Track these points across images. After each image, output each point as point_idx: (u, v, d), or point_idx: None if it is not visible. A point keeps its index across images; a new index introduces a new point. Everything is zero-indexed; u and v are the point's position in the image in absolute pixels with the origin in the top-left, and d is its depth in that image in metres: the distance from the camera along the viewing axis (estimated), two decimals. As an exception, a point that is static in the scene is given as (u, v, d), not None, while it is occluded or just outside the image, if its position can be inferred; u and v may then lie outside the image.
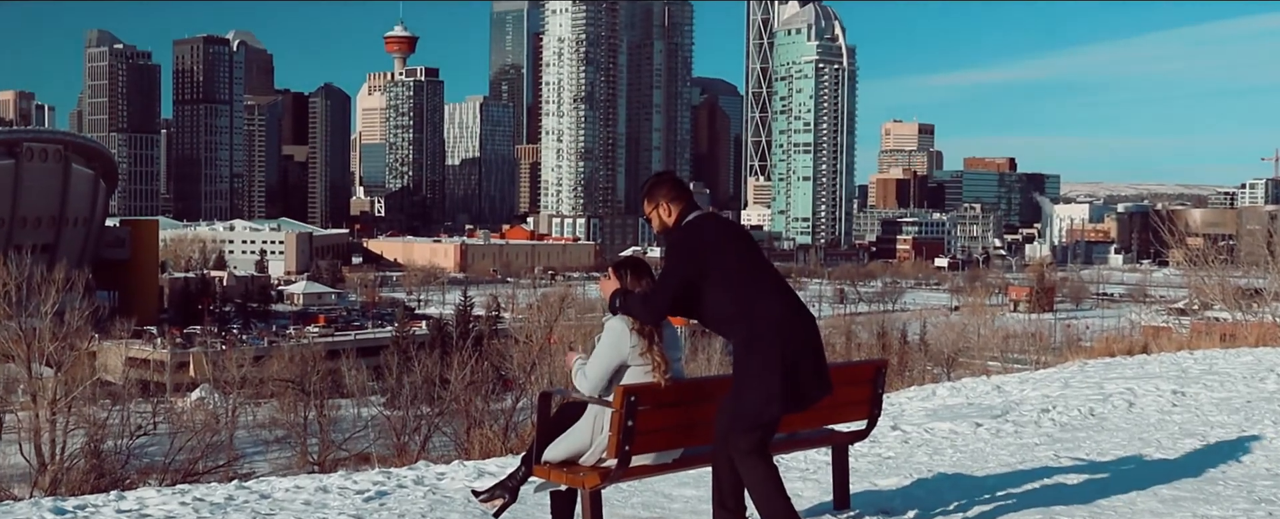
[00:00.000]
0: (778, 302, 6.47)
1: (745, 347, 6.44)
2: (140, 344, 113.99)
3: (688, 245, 6.48)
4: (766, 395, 6.39)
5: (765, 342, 6.39)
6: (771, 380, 6.38)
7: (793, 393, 6.45)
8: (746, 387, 6.43)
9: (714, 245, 6.47)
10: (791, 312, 6.51)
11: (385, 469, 10.31)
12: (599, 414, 6.61)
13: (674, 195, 6.73)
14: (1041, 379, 16.78)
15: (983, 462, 10.31)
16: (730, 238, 6.55)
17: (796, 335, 6.47)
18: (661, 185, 6.76)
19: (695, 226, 6.57)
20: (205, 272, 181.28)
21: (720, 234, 6.53)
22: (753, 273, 6.49)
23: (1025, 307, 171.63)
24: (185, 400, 72.83)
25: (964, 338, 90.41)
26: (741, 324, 6.44)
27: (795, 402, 6.50)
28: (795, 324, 6.48)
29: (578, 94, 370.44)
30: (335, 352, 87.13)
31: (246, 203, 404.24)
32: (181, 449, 41.77)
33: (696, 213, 6.69)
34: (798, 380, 6.45)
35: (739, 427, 6.46)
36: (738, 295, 6.44)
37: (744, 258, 6.51)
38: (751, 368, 6.42)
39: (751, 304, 6.43)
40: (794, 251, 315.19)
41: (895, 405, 14.45)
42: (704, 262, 6.44)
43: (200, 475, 38.83)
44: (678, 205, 6.71)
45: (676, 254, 6.51)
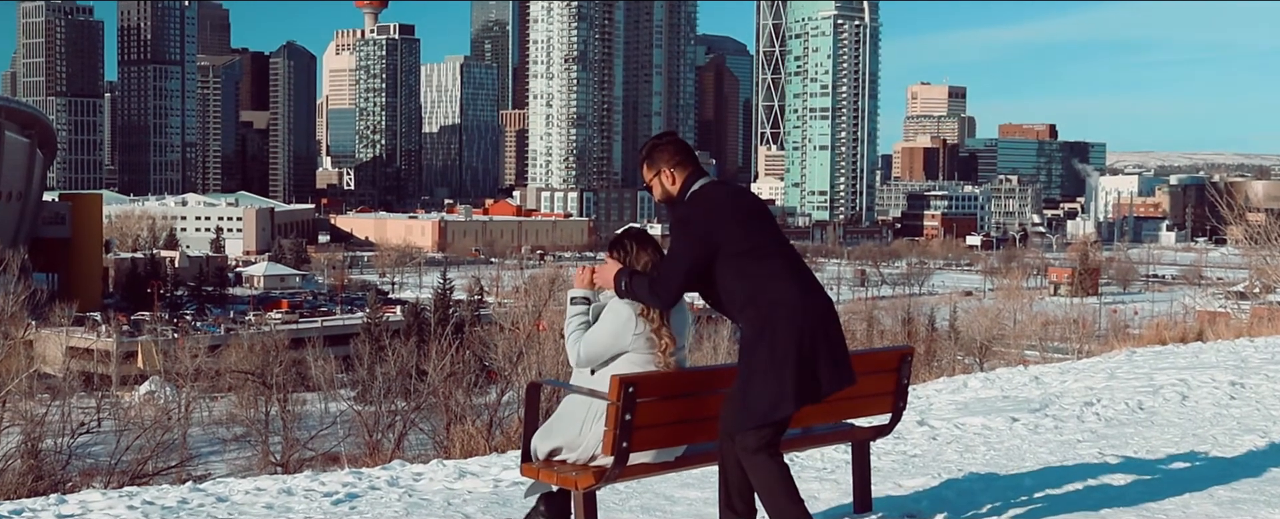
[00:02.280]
0: (792, 284, 6.44)
1: (756, 334, 6.42)
2: (82, 332, 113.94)
3: (696, 220, 6.43)
4: (778, 392, 6.39)
5: (778, 330, 6.38)
6: (784, 375, 6.37)
7: (808, 387, 6.45)
8: (756, 380, 6.42)
9: (725, 220, 6.42)
10: (808, 295, 6.48)
11: (356, 470, 10.33)
12: (592, 403, 6.60)
13: (677, 160, 6.65)
14: (1084, 369, 16.80)
15: (1019, 460, 10.33)
16: (743, 211, 6.50)
17: (812, 322, 6.44)
18: (662, 148, 6.68)
19: (703, 198, 6.51)
20: (155, 251, 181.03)
21: (732, 206, 6.47)
22: (766, 251, 6.45)
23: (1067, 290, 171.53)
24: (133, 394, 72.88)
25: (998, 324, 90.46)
26: (751, 310, 6.42)
27: (811, 396, 6.49)
28: (812, 310, 6.46)
29: (569, 53, 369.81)
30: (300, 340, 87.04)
31: (200, 175, 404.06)
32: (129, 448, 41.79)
33: (703, 180, 6.62)
34: (815, 372, 6.45)
35: (746, 423, 6.45)
36: (748, 277, 6.41)
37: (757, 234, 6.46)
38: (761, 359, 6.40)
39: (763, 287, 6.40)
40: (810, 229, 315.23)
41: (922, 398, 14.47)
42: (714, 239, 6.40)
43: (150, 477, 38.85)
44: (682, 172, 6.64)
45: (684, 231, 6.45)
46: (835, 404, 7.60)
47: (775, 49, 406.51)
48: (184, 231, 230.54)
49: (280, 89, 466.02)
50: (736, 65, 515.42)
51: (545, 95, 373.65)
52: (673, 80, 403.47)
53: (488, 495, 9.14)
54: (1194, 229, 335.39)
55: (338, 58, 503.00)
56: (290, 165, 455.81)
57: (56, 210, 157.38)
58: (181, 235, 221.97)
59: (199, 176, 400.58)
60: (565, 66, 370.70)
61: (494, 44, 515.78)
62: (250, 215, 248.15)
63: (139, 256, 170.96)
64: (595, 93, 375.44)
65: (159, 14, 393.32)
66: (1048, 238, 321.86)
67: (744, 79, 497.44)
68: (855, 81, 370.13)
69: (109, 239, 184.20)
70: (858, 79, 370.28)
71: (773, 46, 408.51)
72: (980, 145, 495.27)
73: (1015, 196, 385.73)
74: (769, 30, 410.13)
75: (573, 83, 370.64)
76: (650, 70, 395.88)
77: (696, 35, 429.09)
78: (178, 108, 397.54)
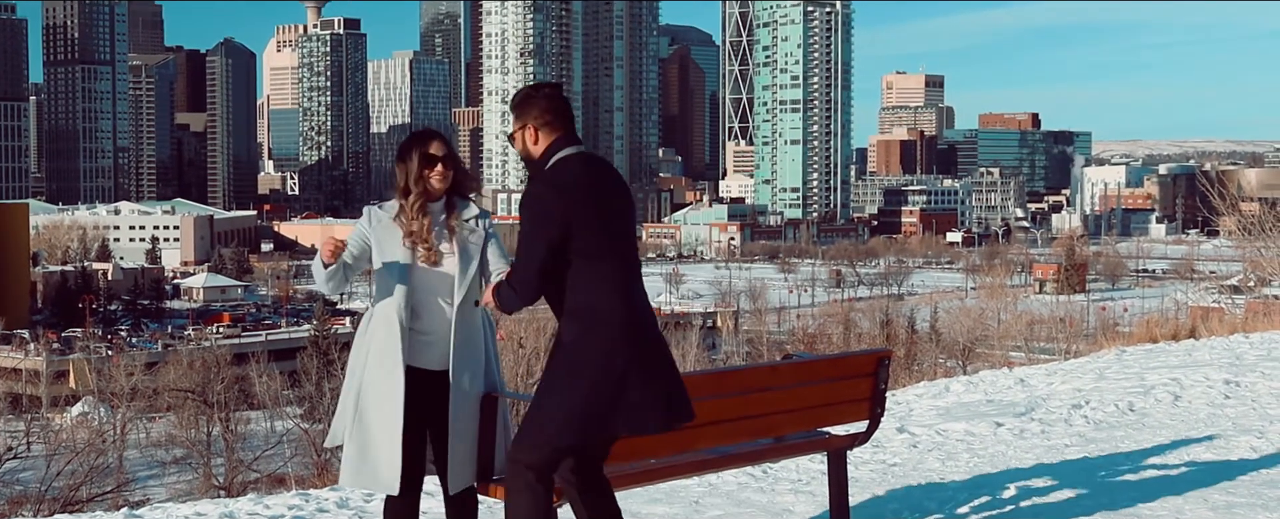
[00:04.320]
0: (617, 297, 5.97)
1: (563, 346, 6.01)
2: (9, 351, 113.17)
3: (548, 201, 5.93)
4: (566, 416, 5.95)
5: (588, 347, 5.94)
6: (579, 398, 5.93)
7: (606, 419, 5.98)
8: (551, 398, 6.00)
9: (578, 206, 5.92)
10: (633, 312, 6.02)
11: (303, 491, 10.29)
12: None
13: (547, 119, 6.14)
14: (1072, 370, 16.89)
15: (1004, 467, 10.37)
16: (603, 195, 6.00)
17: (629, 343, 5.97)
18: (535, 101, 6.18)
19: (560, 175, 6.00)
20: (86, 264, 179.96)
21: (589, 192, 5.97)
22: (599, 254, 5.96)
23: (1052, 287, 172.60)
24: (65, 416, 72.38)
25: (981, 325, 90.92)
26: (564, 315, 6.01)
27: (606, 428, 6.02)
28: (632, 327, 6.00)
29: (524, 47, 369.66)
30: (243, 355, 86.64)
31: (134, 182, 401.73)
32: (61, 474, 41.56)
33: (569, 150, 6.10)
34: (619, 402, 5.95)
35: (526, 438, 6.04)
36: (572, 280, 5.95)
37: (600, 231, 5.96)
38: (560, 376, 5.98)
39: (584, 294, 5.95)
40: (782, 227, 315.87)
41: (902, 404, 14.51)
42: (567, 223, 5.91)
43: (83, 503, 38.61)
44: (550, 134, 6.13)
45: (535, 212, 5.93)
46: (809, 412, 7.62)
47: (743, 39, 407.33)
48: (117, 242, 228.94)
49: (218, 89, 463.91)
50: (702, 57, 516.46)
51: (500, 91, 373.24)
52: (635, 74, 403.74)
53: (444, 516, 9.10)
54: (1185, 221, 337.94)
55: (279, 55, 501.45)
56: (230, 170, 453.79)
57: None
58: (114, 246, 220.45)
59: (132, 183, 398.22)
60: (521, 61, 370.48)
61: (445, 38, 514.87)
62: (188, 224, 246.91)
63: (69, 269, 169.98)
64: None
65: (87, 11, 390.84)
66: (1032, 233, 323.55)
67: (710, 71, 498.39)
68: (827, 72, 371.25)
69: (37, 251, 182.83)
70: (830, 69, 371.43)
71: (740, 36, 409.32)
72: (959, 137, 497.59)
73: (997, 190, 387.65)
74: (736, 19, 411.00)
75: (529, 77, 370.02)
76: (611, 63, 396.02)
77: (659, 26, 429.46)
78: (108, 110, 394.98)
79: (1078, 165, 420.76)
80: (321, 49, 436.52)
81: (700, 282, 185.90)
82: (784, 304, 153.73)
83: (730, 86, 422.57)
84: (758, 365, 8.02)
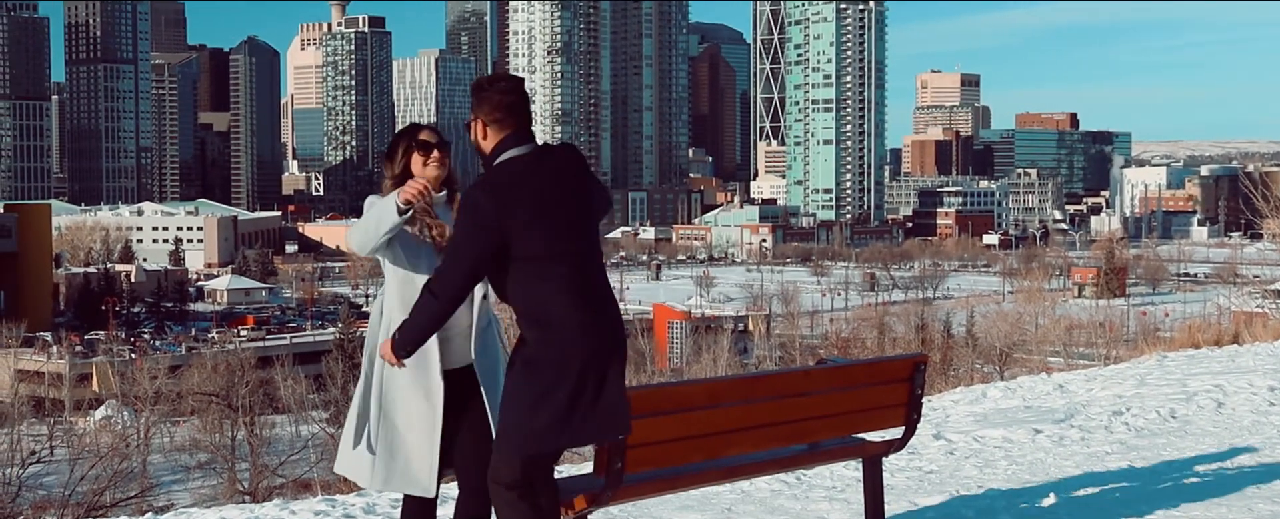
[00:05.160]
0: (578, 306, 5.92)
1: (528, 353, 5.97)
2: (32, 354, 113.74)
3: (482, 208, 5.86)
4: (530, 428, 5.95)
5: (556, 354, 5.91)
6: (554, 404, 5.92)
7: (577, 425, 6.00)
8: (524, 406, 5.98)
9: (517, 212, 5.84)
10: (597, 320, 5.98)
11: (329, 497, 10.32)
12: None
13: (499, 115, 6.04)
14: (1112, 376, 16.83)
15: (1043, 475, 10.34)
16: (551, 194, 5.91)
17: (594, 351, 5.95)
18: (488, 96, 6.08)
19: (501, 174, 5.93)
20: (109, 265, 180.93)
21: (537, 189, 5.89)
22: (556, 262, 5.90)
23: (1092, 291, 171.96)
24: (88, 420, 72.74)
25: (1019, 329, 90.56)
26: (525, 323, 5.98)
27: (577, 436, 6.04)
28: (597, 336, 5.97)
29: (552, 45, 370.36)
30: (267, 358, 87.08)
31: (156, 182, 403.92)
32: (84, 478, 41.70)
33: (517, 151, 6.01)
34: (585, 409, 5.98)
35: (498, 457, 6.06)
36: (530, 288, 5.91)
37: (553, 236, 5.89)
38: (533, 383, 5.95)
39: (545, 303, 5.91)
40: (814, 229, 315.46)
41: (938, 409, 14.48)
42: (502, 232, 5.86)
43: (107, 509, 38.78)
44: (499, 131, 6.04)
45: (469, 217, 5.87)
46: (844, 418, 7.61)
47: (774, 37, 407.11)
48: (140, 243, 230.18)
49: (241, 88, 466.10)
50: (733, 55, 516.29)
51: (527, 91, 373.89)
52: (664, 72, 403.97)
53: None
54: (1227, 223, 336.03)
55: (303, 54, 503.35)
56: (254, 170, 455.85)
57: (1, 223, 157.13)
58: (137, 247, 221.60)
59: (155, 184, 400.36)
60: (548, 59, 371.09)
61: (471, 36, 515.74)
62: (211, 225, 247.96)
63: (92, 271, 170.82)
64: (581, 87, 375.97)
65: (109, 10, 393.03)
66: (1070, 235, 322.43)
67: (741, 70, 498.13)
68: (860, 71, 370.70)
69: (59, 252, 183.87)
70: (863, 68, 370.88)
71: (771, 34, 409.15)
72: (996, 137, 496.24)
73: (1035, 191, 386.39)
74: (767, 17, 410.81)
75: (556, 77, 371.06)
76: (640, 62, 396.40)
77: (689, 24, 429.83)
78: (131, 110, 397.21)
79: (1117, 166, 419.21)
80: (346, 47, 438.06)
81: (731, 284, 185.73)
82: (817, 307, 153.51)
83: (761, 85, 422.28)
84: (791, 370, 8.01)
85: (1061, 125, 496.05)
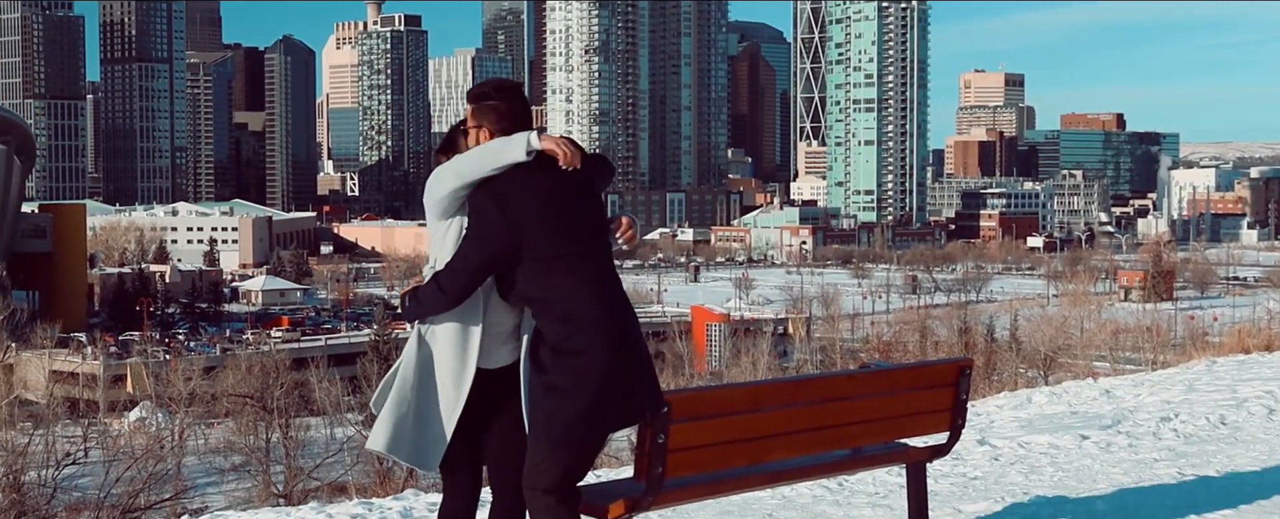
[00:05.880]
0: (596, 300, 6.10)
1: (548, 356, 6.11)
2: (66, 354, 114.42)
3: (492, 213, 6.06)
4: (562, 429, 6.05)
5: (571, 356, 6.05)
6: (589, 398, 6.05)
7: (619, 412, 6.17)
8: (544, 409, 6.10)
9: (530, 217, 6.05)
10: (615, 311, 6.17)
11: (365, 500, 10.36)
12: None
13: (504, 124, 6.24)
14: (1160, 382, 16.74)
15: (1090, 482, 10.30)
16: (558, 196, 6.12)
17: (618, 341, 6.12)
18: (494, 106, 6.28)
19: (508, 181, 6.11)
20: (143, 266, 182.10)
21: (543, 192, 6.08)
22: (570, 261, 6.09)
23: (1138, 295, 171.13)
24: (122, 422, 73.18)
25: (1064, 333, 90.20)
26: (546, 321, 6.11)
27: (622, 421, 6.21)
28: (617, 326, 6.14)
29: (590, 44, 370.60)
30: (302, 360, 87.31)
31: (191, 182, 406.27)
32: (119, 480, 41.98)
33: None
34: (627, 396, 6.16)
35: (533, 462, 6.15)
36: (548, 288, 6.08)
37: (565, 237, 6.09)
38: (550, 387, 6.08)
39: (563, 300, 6.07)
40: (855, 231, 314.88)
41: (982, 415, 14.44)
42: (513, 239, 6.05)
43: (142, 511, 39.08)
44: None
45: (480, 222, 6.08)
46: (887, 422, 7.60)
47: (815, 35, 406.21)
48: (175, 244, 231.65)
49: (277, 87, 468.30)
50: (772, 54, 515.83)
51: (564, 90, 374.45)
52: (703, 71, 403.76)
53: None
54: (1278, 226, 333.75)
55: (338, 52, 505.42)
56: (289, 170, 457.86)
57: (36, 223, 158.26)
58: (172, 248, 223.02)
59: (190, 184, 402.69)
60: (586, 58, 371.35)
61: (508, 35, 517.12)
62: (246, 225, 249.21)
63: (126, 271, 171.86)
64: (619, 87, 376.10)
65: (144, 9, 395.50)
66: (1116, 238, 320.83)
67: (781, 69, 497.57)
68: (903, 70, 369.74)
69: (94, 253, 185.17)
70: (905, 67, 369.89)
71: (812, 33, 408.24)
72: (1041, 137, 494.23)
73: (1080, 193, 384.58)
74: (807, 15, 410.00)
75: (594, 76, 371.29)
76: (678, 61, 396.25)
77: (728, 22, 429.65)
78: (166, 109, 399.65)
79: (1164, 168, 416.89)
80: (382, 46, 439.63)
81: (770, 287, 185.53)
82: (857, 310, 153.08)
83: (802, 85, 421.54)
84: (834, 374, 8.02)
85: (1107, 126, 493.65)
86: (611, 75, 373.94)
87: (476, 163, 6.14)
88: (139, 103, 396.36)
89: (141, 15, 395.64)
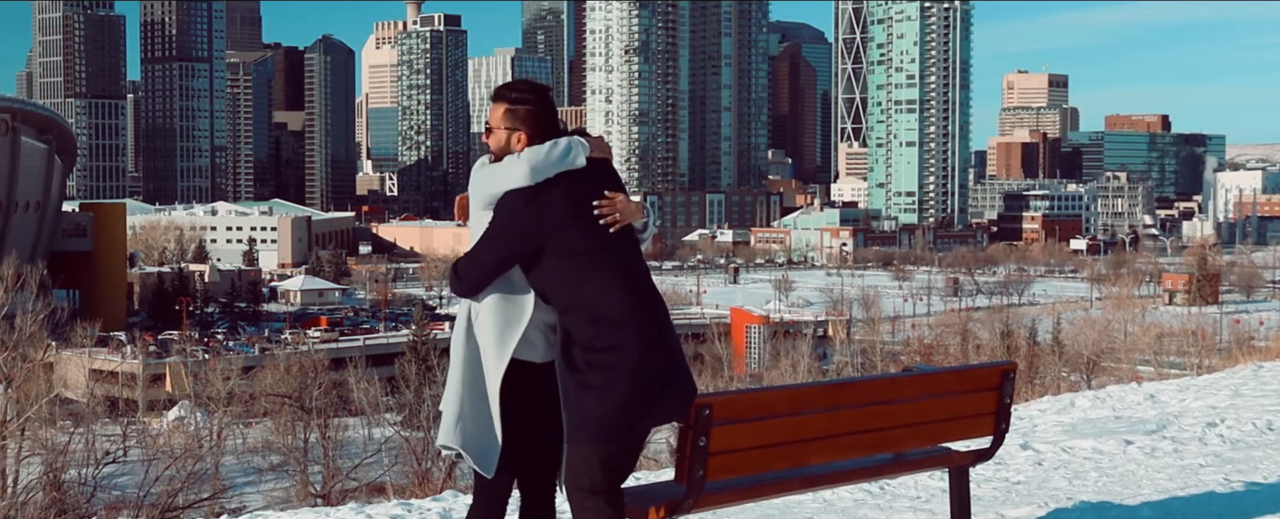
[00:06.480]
0: (626, 295, 6.16)
1: (581, 353, 6.14)
2: (106, 353, 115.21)
3: (520, 213, 6.15)
4: (599, 428, 6.08)
5: (614, 343, 6.09)
6: (624, 392, 6.09)
7: (657, 408, 6.18)
8: (581, 408, 6.13)
9: (557, 217, 6.14)
10: (647, 303, 6.22)
11: (404, 501, 10.39)
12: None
13: (541, 130, 6.32)
14: (1206, 386, 16.63)
15: (1135, 487, 10.25)
16: (586, 197, 6.21)
17: (651, 334, 6.16)
18: (532, 111, 6.33)
19: (539, 187, 6.19)
20: (183, 265, 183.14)
21: (569, 194, 6.18)
22: (598, 257, 6.16)
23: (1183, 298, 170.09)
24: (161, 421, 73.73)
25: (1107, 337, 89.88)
26: (576, 317, 6.16)
27: (659, 416, 6.23)
28: (649, 320, 6.19)
29: (630, 44, 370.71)
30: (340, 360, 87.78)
31: (231, 181, 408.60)
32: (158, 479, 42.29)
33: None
34: (662, 391, 6.18)
35: (573, 462, 6.16)
36: (576, 282, 6.14)
37: (593, 235, 6.16)
38: (585, 385, 6.12)
39: (591, 296, 6.12)
40: (896, 233, 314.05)
41: (1025, 419, 14.38)
42: (538, 239, 6.15)
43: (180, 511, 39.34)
44: (533, 141, 6.31)
45: (505, 220, 6.18)
46: (930, 426, 7.58)
47: (856, 36, 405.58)
48: (214, 243, 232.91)
49: (316, 87, 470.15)
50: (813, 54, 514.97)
51: (604, 90, 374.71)
52: (743, 72, 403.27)
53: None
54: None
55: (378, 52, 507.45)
56: (328, 170, 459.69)
57: (77, 221, 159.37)
58: (211, 247, 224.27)
59: (229, 183, 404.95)
60: (625, 59, 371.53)
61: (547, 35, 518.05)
62: (285, 225, 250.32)
63: (166, 271, 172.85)
64: (658, 87, 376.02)
65: (185, 8, 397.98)
66: (1161, 241, 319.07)
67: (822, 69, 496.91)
68: (945, 70, 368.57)
69: (133, 252, 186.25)
70: (948, 68, 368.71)
71: (853, 33, 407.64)
72: (1084, 139, 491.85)
73: (1124, 195, 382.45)
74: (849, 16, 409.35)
75: (633, 76, 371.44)
76: (718, 61, 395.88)
77: (769, 22, 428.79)
78: (206, 109, 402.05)
79: (1210, 169, 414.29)
80: (421, 46, 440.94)
81: (810, 289, 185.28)
82: (898, 313, 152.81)
83: (842, 86, 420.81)
84: (877, 377, 7.98)
85: (1152, 127, 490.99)
86: (651, 76, 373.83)
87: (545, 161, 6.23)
88: (179, 102, 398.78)
89: (182, 15, 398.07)
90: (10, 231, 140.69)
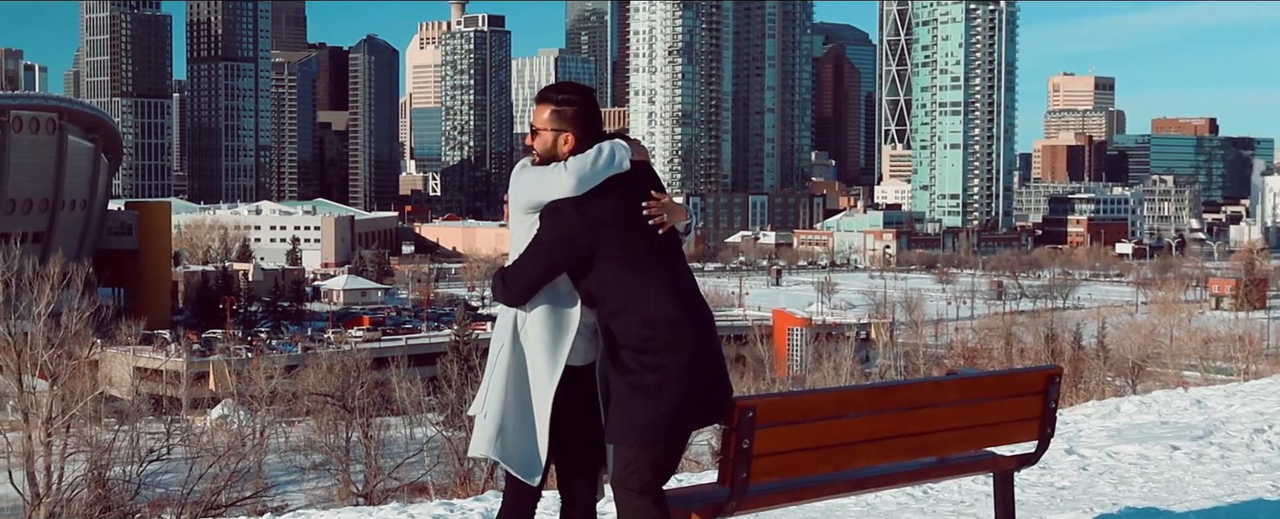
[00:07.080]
0: (673, 298, 6.18)
1: (636, 350, 6.17)
2: (151, 351, 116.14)
3: (570, 215, 6.16)
4: (648, 430, 6.12)
5: (664, 348, 6.13)
6: (655, 409, 6.11)
7: (702, 408, 6.23)
8: (628, 411, 6.15)
9: (605, 219, 6.17)
10: (692, 305, 6.26)
11: (446, 501, 10.42)
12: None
13: (588, 132, 6.32)
14: (1253, 392, 16.53)
15: (1181, 493, 10.19)
16: (634, 202, 6.25)
17: (697, 336, 6.20)
18: (580, 114, 6.34)
19: (591, 190, 6.23)
20: (227, 264, 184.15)
21: (619, 199, 6.22)
22: (645, 260, 6.19)
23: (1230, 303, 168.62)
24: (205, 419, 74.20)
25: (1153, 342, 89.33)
26: (623, 322, 6.18)
27: (703, 418, 6.28)
28: (694, 323, 6.21)
29: (673, 45, 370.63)
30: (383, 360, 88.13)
31: (275, 181, 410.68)
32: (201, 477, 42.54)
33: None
34: (709, 390, 6.24)
35: (622, 463, 6.18)
36: (622, 285, 6.17)
37: (640, 237, 6.21)
38: (633, 387, 6.15)
39: (638, 299, 6.16)
40: (940, 236, 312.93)
41: (1070, 424, 14.33)
42: (587, 241, 6.16)
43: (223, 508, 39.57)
44: (581, 144, 6.33)
45: (554, 223, 6.19)
46: (974, 430, 7.54)
47: (900, 38, 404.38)
48: (258, 242, 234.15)
49: (360, 87, 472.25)
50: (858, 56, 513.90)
51: (647, 91, 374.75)
52: (787, 73, 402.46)
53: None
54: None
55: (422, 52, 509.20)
56: (371, 170, 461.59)
57: (122, 220, 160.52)
58: (255, 246, 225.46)
59: (273, 182, 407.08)
60: (669, 59, 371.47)
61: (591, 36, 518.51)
62: (329, 224, 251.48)
63: (210, 269, 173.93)
64: (702, 88, 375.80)
65: (230, 8, 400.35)
66: (1208, 245, 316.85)
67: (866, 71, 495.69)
68: (990, 73, 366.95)
69: (178, 251, 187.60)
70: (993, 70, 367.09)
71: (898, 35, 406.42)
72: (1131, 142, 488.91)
73: (1171, 199, 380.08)
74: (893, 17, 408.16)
75: (677, 77, 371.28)
76: (762, 63, 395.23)
77: (813, 24, 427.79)
78: (251, 108, 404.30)
79: (1258, 173, 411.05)
80: (465, 46, 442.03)
81: (853, 291, 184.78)
82: (941, 316, 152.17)
83: (887, 88, 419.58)
84: (921, 380, 7.95)
85: (1200, 130, 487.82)
86: (695, 76, 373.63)
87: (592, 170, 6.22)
88: (224, 101, 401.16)
89: (227, 15, 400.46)
90: (57, 230, 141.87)
